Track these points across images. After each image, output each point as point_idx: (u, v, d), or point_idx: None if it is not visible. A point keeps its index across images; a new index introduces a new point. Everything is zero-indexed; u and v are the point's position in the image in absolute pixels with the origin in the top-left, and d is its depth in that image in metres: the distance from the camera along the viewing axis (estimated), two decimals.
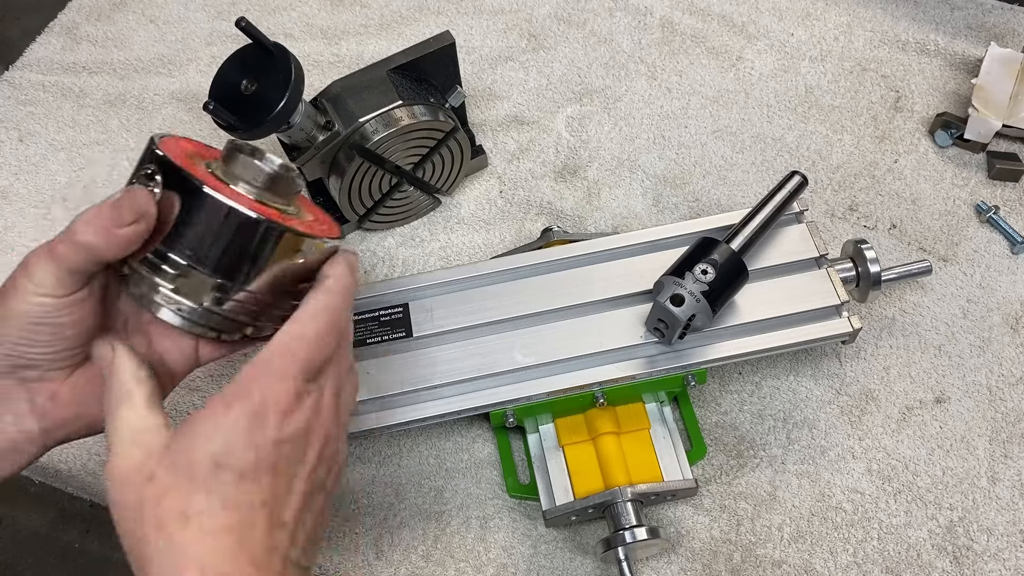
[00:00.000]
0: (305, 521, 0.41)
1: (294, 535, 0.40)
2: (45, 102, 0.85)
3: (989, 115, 0.74)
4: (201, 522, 0.37)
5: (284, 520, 0.39)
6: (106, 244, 0.41)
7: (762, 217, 0.60)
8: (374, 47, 0.87)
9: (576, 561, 0.60)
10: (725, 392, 0.66)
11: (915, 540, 0.60)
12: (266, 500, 0.38)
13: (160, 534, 0.37)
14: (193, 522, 0.37)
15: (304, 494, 0.40)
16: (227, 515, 0.37)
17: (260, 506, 0.38)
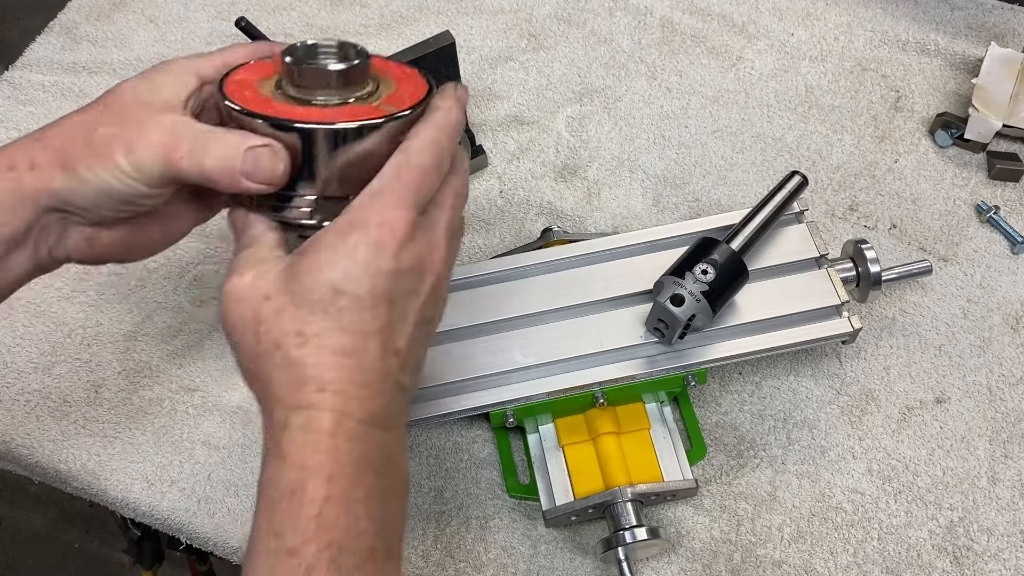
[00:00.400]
0: (415, 351, 0.42)
1: (404, 362, 0.42)
2: (45, 102, 0.85)
3: (989, 115, 0.74)
4: (319, 343, 0.39)
5: (397, 348, 0.41)
6: (228, 184, 0.42)
7: (762, 217, 0.60)
8: (374, 47, 0.86)
9: (576, 561, 0.60)
10: (725, 392, 0.66)
11: (915, 540, 0.60)
12: (382, 328, 0.40)
13: (278, 351, 0.39)
14: (311, 343, 0.39)
15: (415, 324, 0.42)
16: (344, 339, 0.39)
17: (376, 333, 0.40)
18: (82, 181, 0.43)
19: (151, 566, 1.12)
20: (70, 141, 0.43)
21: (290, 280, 0.40)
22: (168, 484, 0.64)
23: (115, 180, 0.42)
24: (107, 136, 0.43)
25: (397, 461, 0.42)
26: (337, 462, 0.38)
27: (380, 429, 0.40)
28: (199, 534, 0.63)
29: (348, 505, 0.38)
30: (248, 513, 0.63)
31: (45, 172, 0.43)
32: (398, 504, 0.42)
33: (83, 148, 0.43)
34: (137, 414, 0.67)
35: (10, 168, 0.43)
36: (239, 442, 0.66)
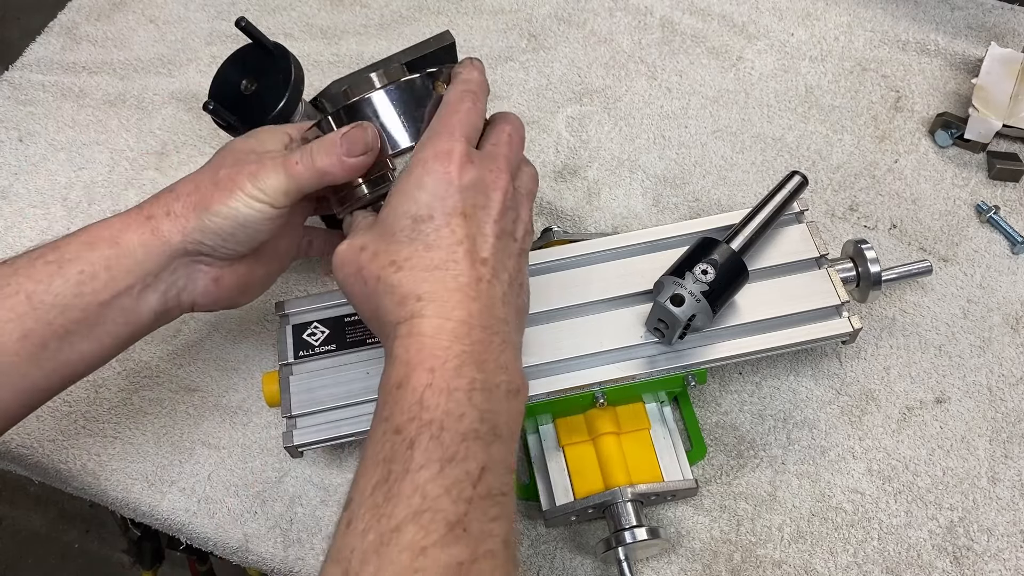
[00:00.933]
0: (504, 262, 0.48)
1: (495, 270, 0.47)
2: (45, 102, 0.85)
3: (989, 115, 0.74)
4: (411, 265, 0.45)
5: (483, 257, 0.46)
6: (339, 170, 0.50)
7: (762, 217, 0.60)
8: (374, 47, 0.87)
9: (576, 561, 0.60)
10: (725, 392, 0.66)
11: (915, 540, 0.60)
12: (462, 239, 0.46)
13: (380, 283, 0.46)
14: (404, 267, 0.45)
15: (496, 236, 0.47)
16: (431, 255, 0.45)
17: (458, 244, 0.46)
18: (215, 215, 0.50)
19: (151, 566, 1.12)
20: (199, 188, 0.51)
21: (376, 228, 0.48)
22: (168, 484, 0.64)
23: (244, 206, 0.50)
24: (231, 174, 0.51)
25: (503, 361, 0.45)
26: (437, 357, 0.43)
27: (480, 329, 0.44)
28: (199, 534, 0.63)
29: (449, 393, 0.42)
30: (248, 513, 0.63)
31: (180, 217, 0.50)
32: (505, 399, 0.44)
33: (212, 189, 0.50)
34: (137, 414, 0.67)
35: (149, 218, 0.50)
36: (239, 442, 0.66)
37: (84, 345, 0.50)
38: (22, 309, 0.47)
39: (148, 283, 0.51)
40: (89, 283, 0.49)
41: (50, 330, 0.48)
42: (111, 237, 0.50)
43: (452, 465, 0.40)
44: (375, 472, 0.41)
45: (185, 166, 0.80)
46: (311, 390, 0.58)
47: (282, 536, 0.62)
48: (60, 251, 0.49)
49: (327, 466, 0.64)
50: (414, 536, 0.38)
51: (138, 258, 0.50)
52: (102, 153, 0.81)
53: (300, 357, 0.60)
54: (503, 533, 0.41)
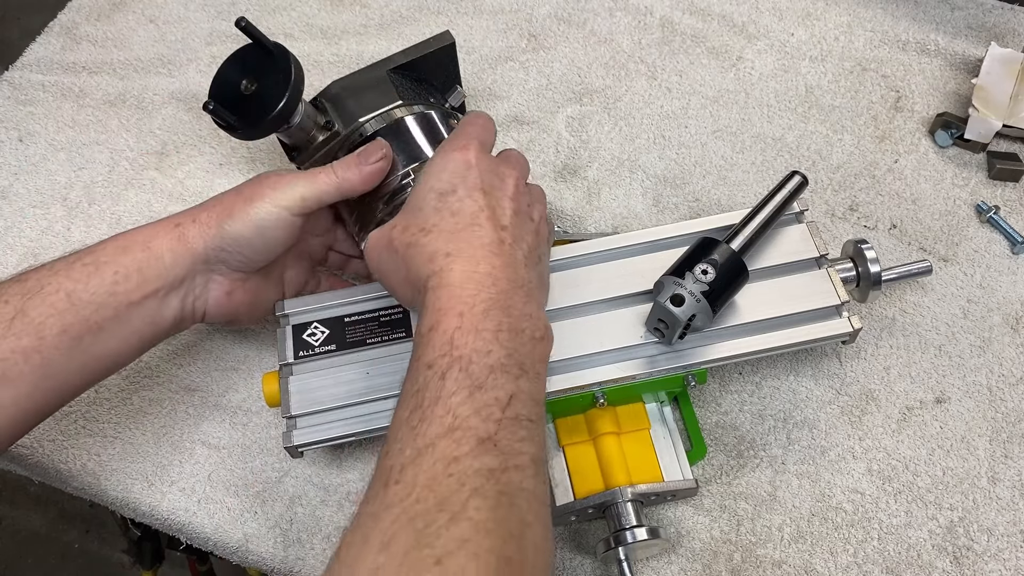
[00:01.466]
0: (522, 234, 0.52)
1: (515, 237, 0.51)
2: (45, 102, 0.85)
3: (989, 115, 0.74)
4: (439, 229, 0.50)
5: (503, 224, 0.51)
6: (357, 177, 0.57)
7: (762, 217, 0.60)
8: (374, 47, 0.87)
9: (576, 561, 0.60)
10: (725, 392, 0.66)
11: (915, 540, 0.60)
12: (482, 207, 0.51)
13: (411, 248, 0.50)
14: (432, 231, 0.50)
15: (513, 210, 0.52)
16: (456, 220, 0.50)
17: (480, 211, 0.51)
18: (236, 221, 0.55)
19: (151, 566, 1.12)
20: (224, 200, 0.56)
21: (406, 210, 0.53)
22: (168, 484, 0.64)
23: (267, 214, 0.55)
24: (254, 185, 0.57)
25: (527, 310, 0.49)
26: (466, 303, 0.47)
27: (505, 281, 0.48)
28: (199, 534, 0.63)
29: (477, 332, 0.45)
30: (248, 513, 0.63)
31: (205, 225, 0.55)
32: (530, 343, 0.48)
33: (237, 200, 0.56)
34: (137, 414, 0.67)
35: (177, 226, 0.55)
36: (239, 442, 0.66)
37: (113, 342, 0.54)
38: (62, 306, 0.51)
39: (173, 287, 0.55)
40: (122, 283, 0.53)
41: (86, 326, 0.52)
42: (143, 242, 0.54)
43: (481, 392, 0.44)
44: (410, 402, 0.44)
45: (185, 166, 0.80)
46: (311, 390, 0.58)
47: (282, 536, 0.62)
48: (96, 254, 0.54)
49: (327, 466, 0.64)
50: (446, 449, 0.41)
51: (166, 263, 0.54)
52: (102, 153, 0.81)
53: (300, 357, 0.60)
54: (532, 452, 0.44)
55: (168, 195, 0.78)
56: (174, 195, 0.78)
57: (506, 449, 0.42)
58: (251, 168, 0.80)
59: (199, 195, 0.78)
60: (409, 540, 0.38)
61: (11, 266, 0.75)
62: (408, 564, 0.37)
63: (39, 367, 0.50)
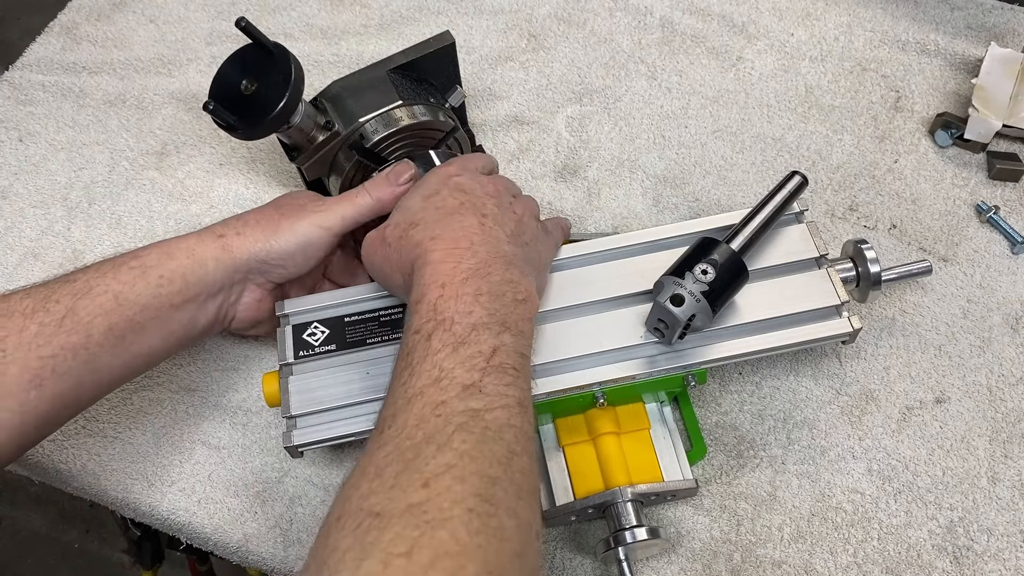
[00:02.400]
0: (503, 221, 0.56)
1: (496, 221, 0.55)
2: (45, 102, 0.85)
3: (989, 115, 0.74)
4: (426, 220, 0.55)
5: (484, 213, 0.55)
6: (390, 196, 0.61)
7: (762, 217, 0.60)
8: (374, 47, 0.87)
9: (576, 561, 0.60)
10: (725, 392, 0.66)
11: (915, 540, 0.60)
12: (464, 201, 0.56)
13: (401, 240, 0.55)
14: (420, 223, 0.55)
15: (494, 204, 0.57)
16: (441, 213, 0.55)
17: (461, 204, 0.56)
18: (281, 237, 0.59)
19: (151, 566, 1.12)
20: (266, 215, 0.60)
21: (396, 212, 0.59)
22: (168, 484, 0.64)
23: (311, 232, 0.59)
24: (298, 204, 0.61)
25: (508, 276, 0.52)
26: (447, 275, 0.50)
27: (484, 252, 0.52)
28: (199, 534, 0.63)
29: (458, 297, 0.49)
30: (248, 513, 0.63)
31: (251, 238, 0.59)
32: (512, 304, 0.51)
33: (279, 217, 0.60)
34: (137, 414, 0.67)
35: (220, 236, 0.59)
36: (239, 442, 0.66)
37: (153, 341, 0.56)
38: (109, 306, 0.54)
39: (212, 294, 0.58)
40: (167, 287, 0.56)
41: (130, 325, 0.55)
42: (188, 249, 0.57)
43: (465, 347, 0.47)
44: (400, 364, 0.48)
45: (185, 166, 0.80)
46: (311, 390, 0.58)
47: (282, 536, 0.62)
48: (142, 259, 0.57)
49: (327, 466, 0.64)
50: (433, 395, 0.45)
51: (209, 269, 0.57)
52: (102, 153, 0.82)
53: (300, 357, 0.60)
54: (518, 395, 0.47)
55: (168, 195, 0.78)
56: (174, 195, 0.78)
57: (491, 392, 0.45)
58: (251, 168, 0.80)
59: (199, 195, 0.78)
60: (399, 468, 0.41)
61: (11, 266, 0.75)
62: (398, 486, 0.40)
63: (85, 362, 0.53)
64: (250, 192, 0.78)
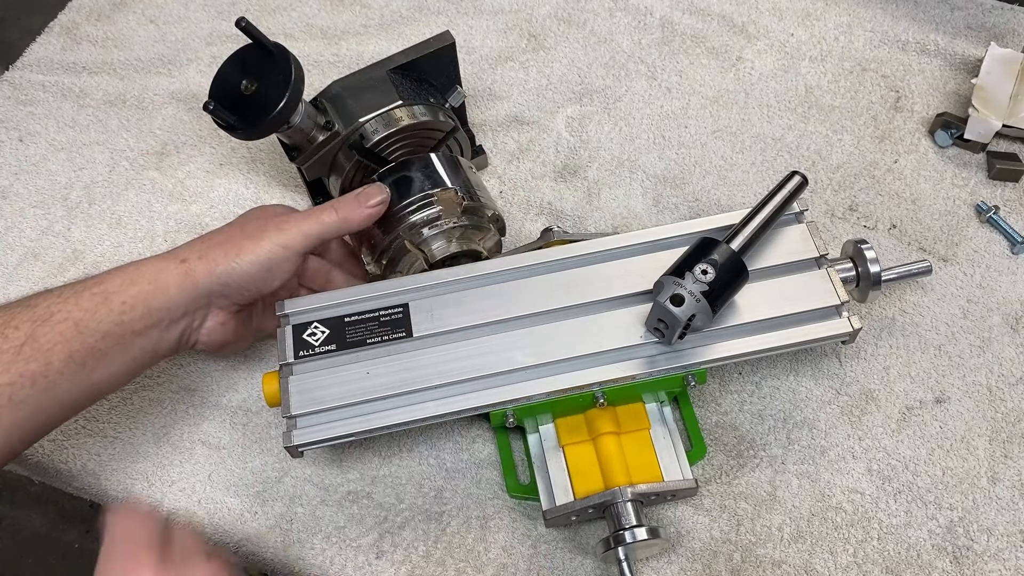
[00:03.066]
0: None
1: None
2: (45, 102, 0.85)
3: (989, 115, 0.74)
4: None
5: None
6: (358, 216, 0.61)
7: (762, 217, 0.60)
8: (374, 47, 0.87)
9: (576, 561, 0.60)
10: (725, 392, 0.66)
11: (915, 540, 0.60)
12: None
13: None
14: None
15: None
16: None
17: None
18: (243, 260, 0.57)
19: None
20: (230, 238, 0.58)
21: None
22: (168, 484, 0.64)
23: (275, 253, 0.58)
24: (260, 225, 0.59)
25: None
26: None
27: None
28: (199, 534, 0.63)
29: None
30: (248, 513, 0.63)
31: (211, 261, 0.57)
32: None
33: (242, 239, 0.58)
34: (137, 414, 0.67)
35: (183, 261, 0.57)
36: (239, 442, 0.66)
37: (114, 367, 0.56)
38: (70, 334, 0.53)
39: (175, 318, 0.58)
40: (129, 313, 0.55)
41: (91, 352, 0.54)
42: (150, 276, 0.56)
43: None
44: None
45: (185, 166, 0.80)
46: (311, 390, 0.58)
47: (282, 536, 0.62)
48: (104, 284, 0.56)
49: (327, 466, 0.64)
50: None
51: (171, 295, 0.56)
52: (102, 153, 0.82)
53: (300, 357, 0.60)
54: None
55: (168, 195, 0.78)
56: (174, 195, 0.78)
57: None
58: (251, 168, 0.80)
59: (199, 195, 0.78)
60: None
61: (11, 266, 0.75)
62: None
63: (44, 390, 0.52)
64: (250, 192, 0.78)
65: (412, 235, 0.64)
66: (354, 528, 0.62)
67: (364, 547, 0.61)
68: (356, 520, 0.62)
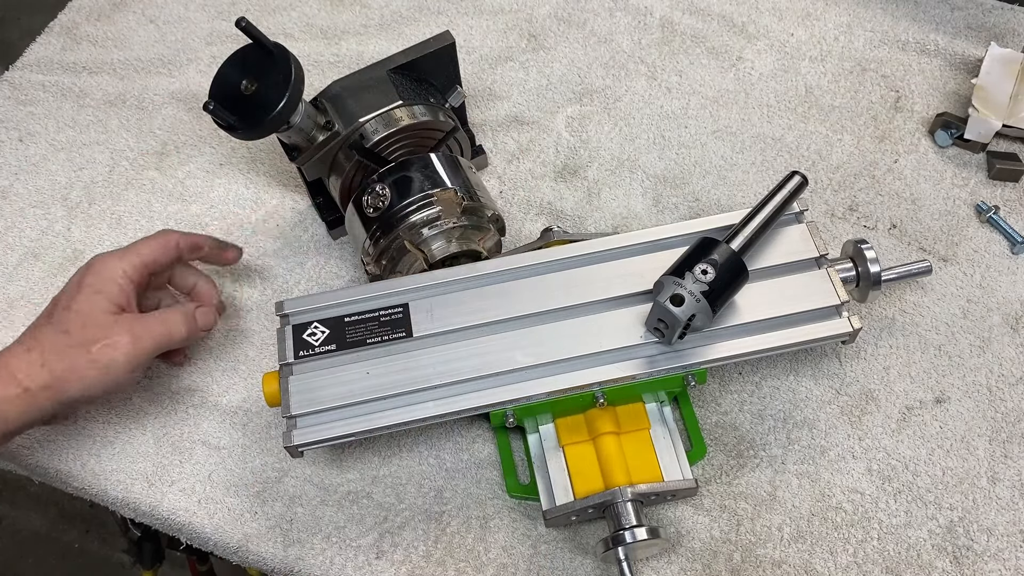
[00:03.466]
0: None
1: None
2: (45, 102, 0.85)
3: (989, 115, 0.74)
4: None
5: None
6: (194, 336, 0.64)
7: (762, 217, 0.60)
8: (374, 47, 0.87)
9: (576, 561, 0.60)
10: (725, 392, 0.66)
11: (915, 540, 0.60)
12: None
13: None
14: None
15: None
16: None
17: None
18: (91, 389, 0.57)
19: (151, 566, 1.12)
20: (73, 364, 0.56)
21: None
22: (168, 484, 0.64)
23: (117, 379, 0.58)
24: (104, 347, 0.57)
25: None
26: None
27: None
28: (199, 534, 0.63)
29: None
30: (248, 513, 0.63)
31: (56, 391, 0.56)
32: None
33: (86, 366, 0.57)
34: (137, 414, 0.67)
35: (26, 390, 0.56)
36: (239, 442, 0.66)
37: None
38: None
39: (10, 434, 0.57)
40: None
41: None
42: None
43: None
44: None
45: (185, 166, 0.80)
46: (311, 390, 0.58)
47: (282, 536, 0.62)
48: None
49: (327, 466, 0.64)
50: None
51: (8, 422, 0.56)
52: (102, 153, 0.82)
53: (300, 357, 0.60)
54: None
55: (168, 195, 0.78)
56: (174, 195, 0.78)
57: None
58: (251, 168, 0.80)
59: (199, 195, 0.78)
60: None
61: (11, 266, 0.75)
62: None
63: None
64: (250, 192, 0.78)
65: (412, 235, 0.64)
66: (354, 528, 0.62)
67: (364, 547, 0.61)
68: (356, 520, 0.62)
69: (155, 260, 0.63)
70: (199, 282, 0.67)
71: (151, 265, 0.62)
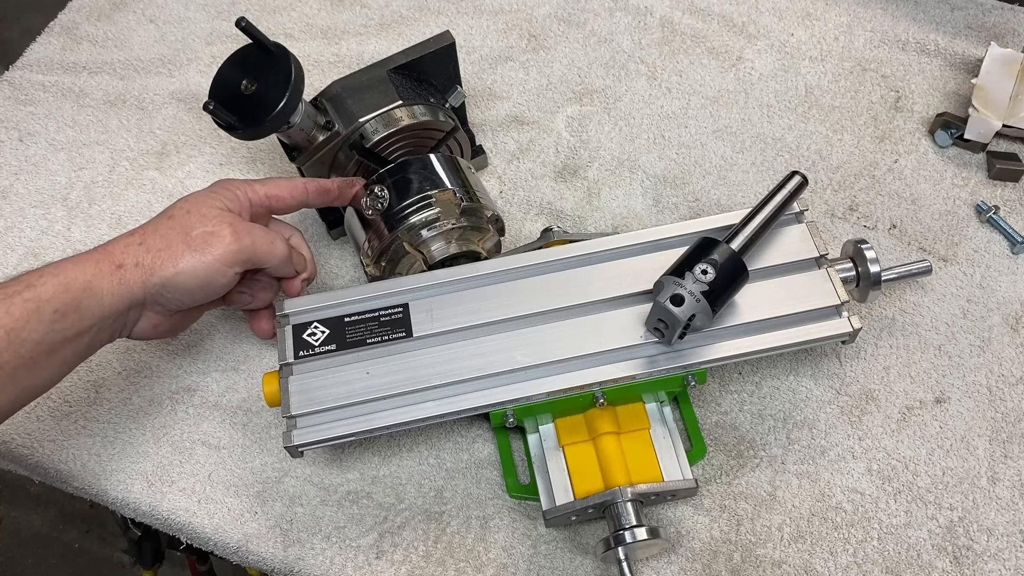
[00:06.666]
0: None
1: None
2: (45, 102, 0.85)
3: (989, 115, 0.74)
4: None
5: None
6: (309, 256, 0.65)
7: (762, 217, 0.60)
8: (374, 47, 0.87)
9: (576, 561, 0.60)
10: (725, 392, 0.66)
11: (915, 540, 0.60)
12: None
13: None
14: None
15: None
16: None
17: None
18: (182, 272, 0.56)
19: (151, 566, 1.12)
20: (170, 243, 0.56)
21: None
22: (168, 484, 0.64)
23: (210, 269, 0.56)
24: (205, 234, 0.57)
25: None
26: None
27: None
28: (199, 534, 0.63)
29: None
30: (248, 513, 0.63)
31: (147, 270, 0.55)
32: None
33: (184, 249, 0.56)
34: (137, 414, 0.67)
35: (119, 266, 0.55)
36: (239, 442, 0.66)
37: (45, 372, 0.54)
38: (1, 345, 0.52)
39: (107, 324, 0.56)
40: (61, 321, 0.53)
41: (21, 362, 0.52)
42: (85, 283, 0.54)
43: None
44: None
45: (185, 166, 0.80)
46: (311, 390, 0.58)
47: (282, 536, 0.62)
48: (36, 290, 0.53)
49: (327, 466, 0.64)
50: None
51: (104, 304, 0.55)
52: (102, 153, 0.82)
53: (300, 357, 0.60)
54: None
55: (168, 195, 0.78)
56: (174, 195, 0.78)
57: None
58: (251, 168, 0.80)
59: None
60: None
61: (11, 266, 0.75)
62: None
63: None
64: None
65: (411, 236, 0.64)
66: (354, 528, 0.62)
67: (364, 547, 0.61)
68: (356, 520, 0.62)
69: (278, 195, 0.62)
70: (293, 236, 0.65)
71: (273, 198, 0.62)
